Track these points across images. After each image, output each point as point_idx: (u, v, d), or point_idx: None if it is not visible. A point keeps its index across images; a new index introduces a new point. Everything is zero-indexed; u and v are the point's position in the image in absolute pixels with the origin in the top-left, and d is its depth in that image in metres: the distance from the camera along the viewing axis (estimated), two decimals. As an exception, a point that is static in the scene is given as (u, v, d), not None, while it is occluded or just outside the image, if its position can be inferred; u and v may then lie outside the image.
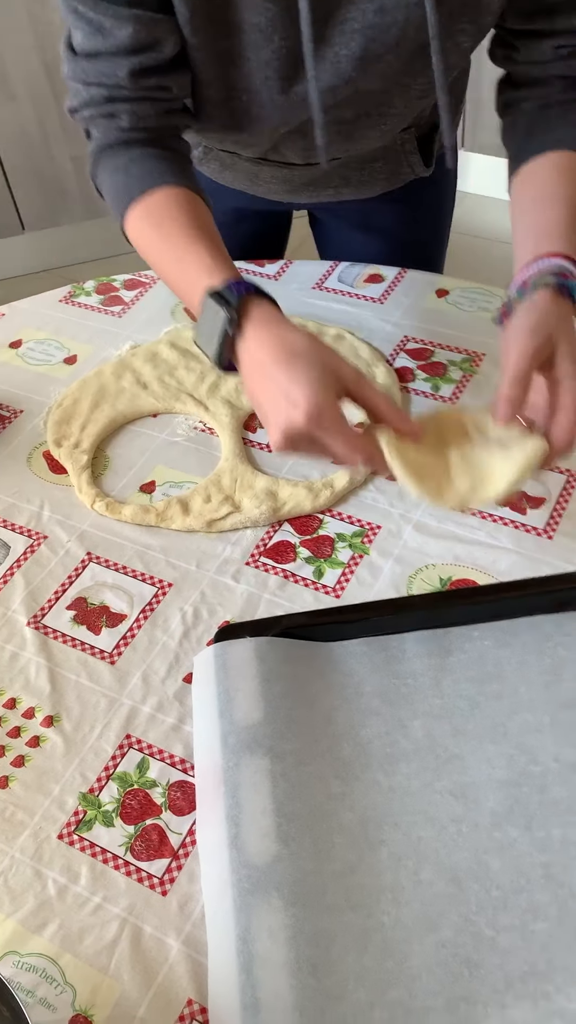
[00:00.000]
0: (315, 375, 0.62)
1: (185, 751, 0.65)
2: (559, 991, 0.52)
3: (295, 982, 0.52)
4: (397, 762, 0.62)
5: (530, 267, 0.68)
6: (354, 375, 0.64)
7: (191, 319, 1.01)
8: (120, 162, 0.78)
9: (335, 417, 0.61)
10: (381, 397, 0.65)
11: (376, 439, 0.64)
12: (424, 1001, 0.52)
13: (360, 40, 0.74)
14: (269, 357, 0.63)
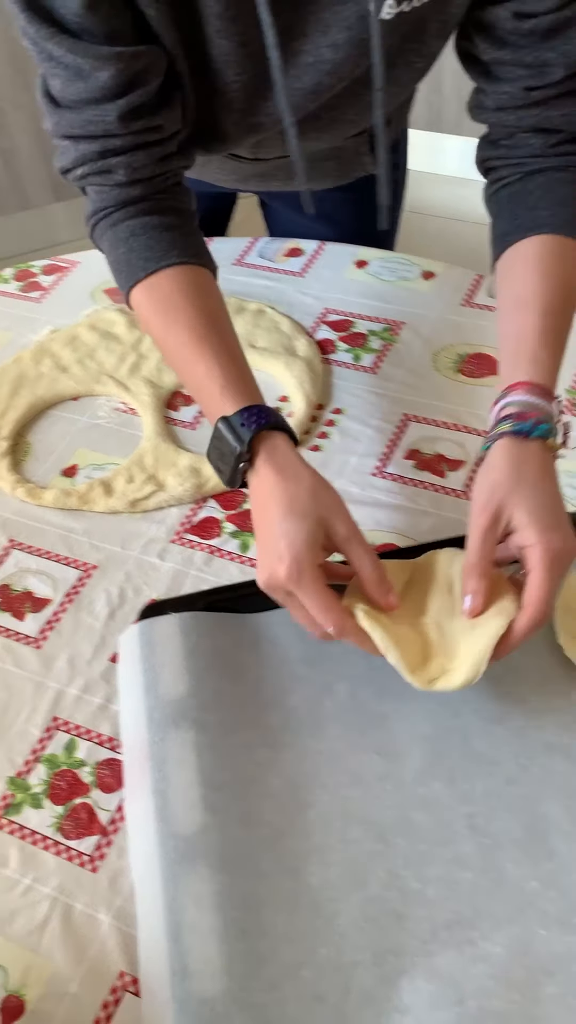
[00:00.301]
0: (305, 533, 0.60)
1: (113, 730, 0.65)
2: (484, 937, 0.53)
3: (224, 947, 0.52)
4: (324, 725, 0.63)
5: (495, 407, 0.66)
6: (346, 532, 0.62)
7: (111, 301, 1.00)
8: (121, 234, 0.73)
9: (313, 578, 0.59)
10: (367, 560, 0.62)
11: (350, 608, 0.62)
12: (352, 956, 0.52)
13: (313, 75, 0.72)
14: (271, 501, 0.63)
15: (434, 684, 0.59)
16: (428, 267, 1.00)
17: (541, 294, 0.68)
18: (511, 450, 0.61)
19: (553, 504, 0.59)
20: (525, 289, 0.69)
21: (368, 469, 0.81)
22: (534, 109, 0.71)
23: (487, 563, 0.60)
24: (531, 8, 0.67)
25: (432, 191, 2.59)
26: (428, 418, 0.84)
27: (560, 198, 0.72)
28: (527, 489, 0.59)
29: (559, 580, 0.57)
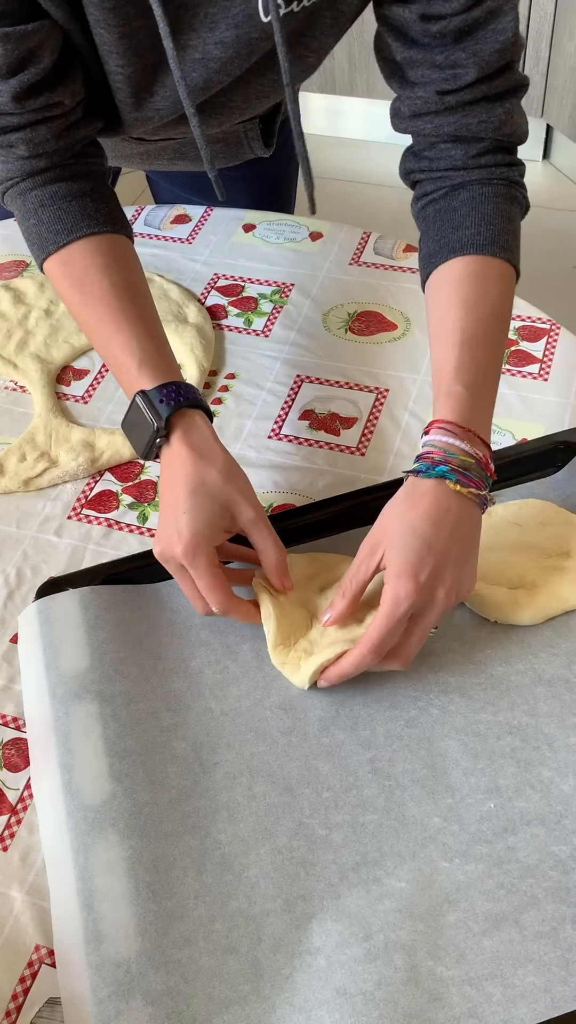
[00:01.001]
0: (208, 513, 0.61)
1: (17, 709, 0.64)
2: (389, 875, 0.55)
3: (136, 909, 0.53)
4: (228, 686, 0.63)
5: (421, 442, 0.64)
6: (252, 516, 0.63)
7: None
8: (30, 205, 0.71)
9: (207, 558, 0.61)
10: (270, 544, 0.63)
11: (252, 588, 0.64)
12: (263, 906, 0.54)
13: (201, 71, 0.70)
14: (181, 477, 0.63)
15: (284, 668, 0.62)
16: (315, 227, 1.01)
17: (458, 323, 0.66)
18: (408, 489, 0.61)
19: (421, 548, 0.58)
20: (445, 318, 0.67)
21: (264, 432, 0.81)
22: (450, 116, 0.69)
23: (357, 587, 0.61)
24: (438, 10, 0.65)
25: (331, 154, 2.59)
26: (321, 378, 0.85)
27: (484, 215, 0.69)
28: (405, 530, 0.59)
29: (397, 624, 0.57)
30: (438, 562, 0.58)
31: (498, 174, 0.71)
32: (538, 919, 0.52)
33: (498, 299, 0.68)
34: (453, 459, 0.60)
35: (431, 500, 0.59)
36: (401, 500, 0.61)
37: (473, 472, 0.60)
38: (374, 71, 2.49)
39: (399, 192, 2.00)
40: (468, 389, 0.63)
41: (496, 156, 0.71)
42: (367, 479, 0.76)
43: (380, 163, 2.54)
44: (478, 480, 0.60)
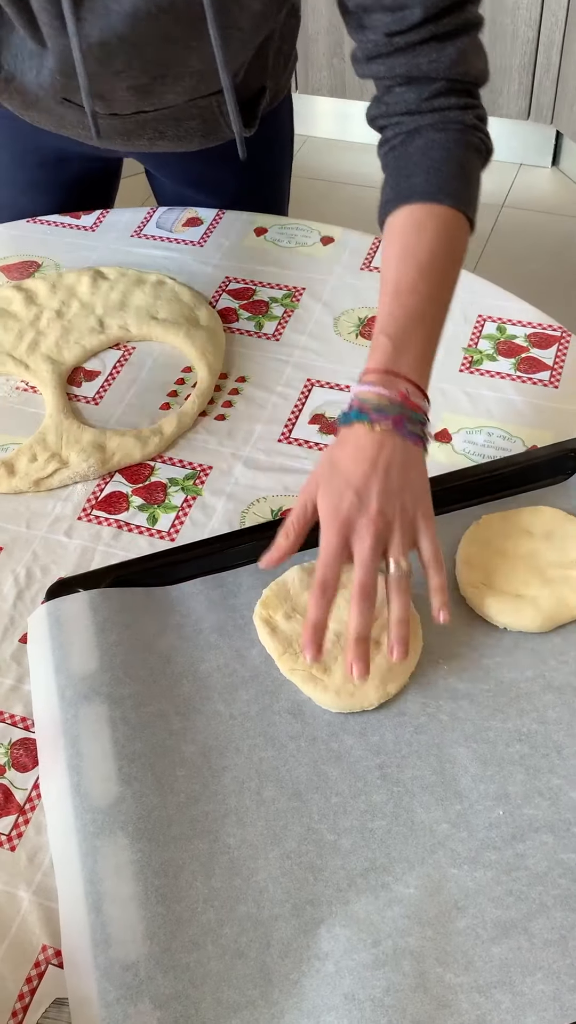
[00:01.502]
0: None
1: (25, 709, 0.64)
2: (397, 880, 0.54)
3: (144, 912, 0.53)
4: (236, 690, 0.63)
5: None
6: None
7: (7, 278, 0.98)
8: None
9: None
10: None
11: None
12: (272, 910, 0.54)
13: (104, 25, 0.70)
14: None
15: (293, 675, 0.63)
16: (327, 232, 1.01)
17: (392, 274, 0.68)
18: (335, 440, 0.65)
19: (340, 483, 0.61)
20: (383, 270, 0.69)
21: (274, 436, 0.81)
22: (400, 57, 0.70)
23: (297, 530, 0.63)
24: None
25: (340, 158, 2.59)
26: (331, 382, 0.85)
27: (433, 163, 0.71)
28: (327, 471, 0.63)
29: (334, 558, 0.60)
30: (358, 494, 0.61)
31: (452, 117, 0.72)
32: (547, 927, 0.52)
33: (433, 245, 0.69)
34: (367, 403, 0.63)
35: (351, 443, 0.63)
36: (327, 450, 0.65)
37: (390, 410, 0.63)
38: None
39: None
40: (391, 338, 0.65)
41: (450, 98, 0.72)
42: (377, 484, 0.76)
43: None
44: (397, 416, 0.63)
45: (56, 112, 0.91)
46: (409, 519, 0.62)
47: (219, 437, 0.82)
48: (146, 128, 0.90)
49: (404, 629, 0.60)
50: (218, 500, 0.77)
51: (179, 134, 0.92)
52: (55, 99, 0.86)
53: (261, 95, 0.93)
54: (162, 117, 0.88)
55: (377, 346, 0.65)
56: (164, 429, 0.81)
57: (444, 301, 0.69)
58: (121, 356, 0.90)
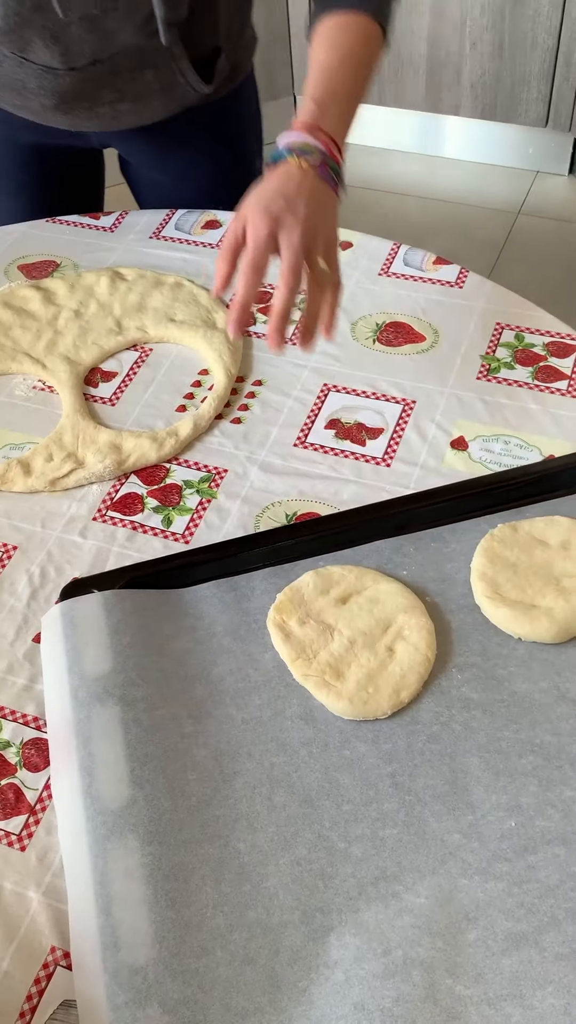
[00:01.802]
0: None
1: (38, 709, 0.64)
2: (408, 890, 0.54)
3: (154, 916, 0.53)
4: (249, 695, 0.63)
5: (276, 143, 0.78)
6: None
7: (25, 277, 0.98)
8: None
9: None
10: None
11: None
12: (281, 917, 0.53)
13: None
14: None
15: (307, 680, 0.63)
16: (345, 237, 1.01)
17: (318, 59, 0.80)
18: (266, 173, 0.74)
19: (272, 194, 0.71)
20: (313, 57, 0.80)
21: (289, 440, 0.81)
22: None
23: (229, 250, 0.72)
24: None
25: (354, 162, 2.59)
26: (348, 387, 0.85)
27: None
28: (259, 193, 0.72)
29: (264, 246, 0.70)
30: (287, 200, 0.70)
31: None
32: (558, 940, 0.51)
33: (354, 40, 0.81)
34: (294, 146, 0.73)
35: (279, 173, 0.73)
36: (259, 183, 0.73)
37: (313, 154, 0.73)
38: (403, 81, 2.50)
39: (423, 202, 2.02)
40: (316, 101, 0.77)
41: None
42: (392, 491, 0.76)
43: (404, 172, 2.54)
44: (320, 160, 0.73)
45: (16, 77, 0.91)
46: (327, 238, 0.73)
47: (235, 440, 0.82)
48: (104, 86, 0.91)
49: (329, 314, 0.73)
50: (233, 503, 0.76)
51: (137, 90, 0.94)
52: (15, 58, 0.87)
53: (216, 56, 0.97)
54: (116, 67, 0.90)
55: (304, 108, 0.77)
56: (180, 431, 0.81)
57: (362, 83, 0.79)
58: (138, 357, 0.90)
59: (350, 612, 0.66)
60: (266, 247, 0.70)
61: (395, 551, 0.70)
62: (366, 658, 0.63)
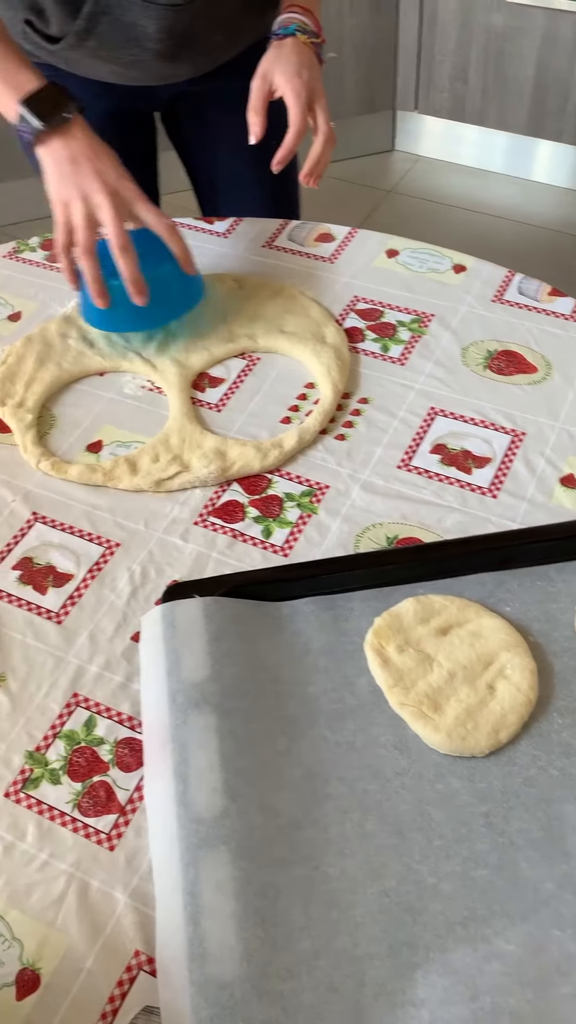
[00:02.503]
0: None
1: (132, 708, 0.65)
2: (497, 935, 0.53)
3: (243, 933, 0.53)
4: (343, 718, 0.63)
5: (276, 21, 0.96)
6: None
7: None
8: None
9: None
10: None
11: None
12: (367, 948, 0.53)
13: None
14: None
15: (403, 709, 0.62)
16: (459, 260, 1.00)
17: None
18: (274, 46, 0.94)
19: (296, 63, 0.91)
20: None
21: (393, 461, 0.81)
22: None
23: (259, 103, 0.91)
24: None
25: (449, 180, 2.58)
26: (456, 413, 0.84)
27: None
28: (281, 59, 0.92)
29: (304, 107, 0.90)
30: (309, 70, 0.92)
31: None
32: None
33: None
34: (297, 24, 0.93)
35: (293, 47, 0.93)
36: (271, 50, 0.93)
37: (310, 33, 0.94)
38: (506, 102, 2.48)
39: (516, 226, 2.00)
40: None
41: None
42: (498, 523, 0.75)
43: (498, 193, 2.52)
44: (316, 38, 0.95)
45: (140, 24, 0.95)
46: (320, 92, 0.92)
47: (338, 457, 0.81)
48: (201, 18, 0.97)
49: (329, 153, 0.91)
50: (333, 520, 0.76)
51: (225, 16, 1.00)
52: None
53: None
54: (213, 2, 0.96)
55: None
56: (284, 443, 0.81)
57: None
58: (246, 365, 0.90)
59: (451, 644, 0.65)
60: (307, 109, 0.90)
61: (498, 585, 0.69)
62: (466, 693, 0.62)
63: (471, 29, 2.29)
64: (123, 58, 0.99)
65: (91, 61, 1.01)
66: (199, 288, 0.91)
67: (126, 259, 0.81)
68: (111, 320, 0.88)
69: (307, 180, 0.91)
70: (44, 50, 1.00)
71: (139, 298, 0.82)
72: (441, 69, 2.43)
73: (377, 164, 2.65)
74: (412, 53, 2.44)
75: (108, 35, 0.96)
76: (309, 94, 0.90)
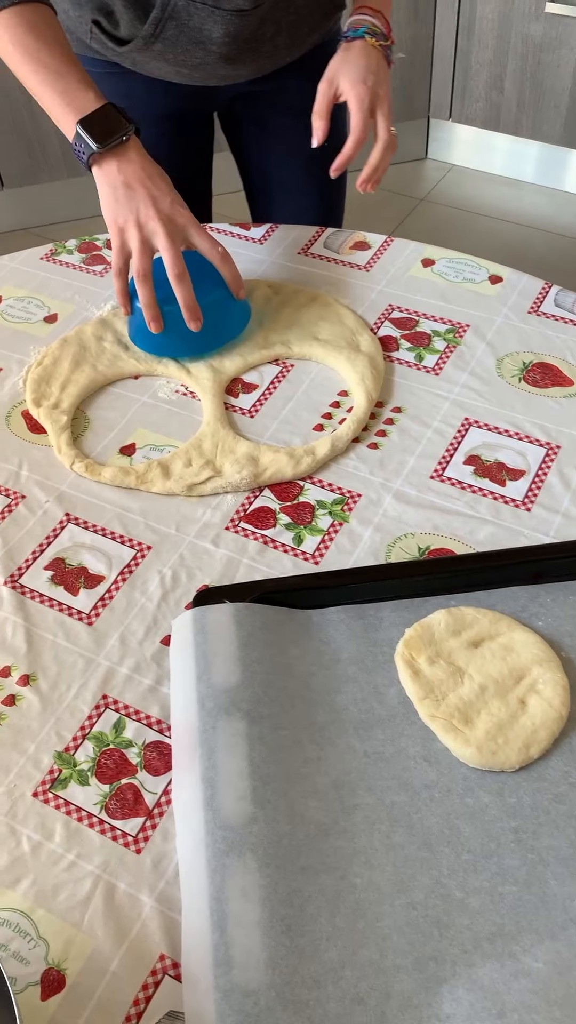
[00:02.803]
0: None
1: (161, 712, 0.65)
2: (525, 952, 0.53)
3: (268, 940, 0.53)
4: (372, 728, 0.63)
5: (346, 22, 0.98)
6: None
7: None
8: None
9: None
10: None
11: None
12: (394, 960, 0.53)
13: None
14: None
15: (433, 721, 0.62)
16: (495, 271, 1.00)
17: None
18: (343, 48, 0.95)
19: (362, 69, 0.92)
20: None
21: (426, 471, 0.80)
22: None
23: (324, 108, 0.93)
24: None
25: (481, 189, 2.57)
26: (490, 424, 0.84)
27: None
28: (348, 64, 0.93)
29: (367, 113, 0.91)
30: (375, 75, 0.92)
31: None
32: None
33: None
34: (366, 27, 0.94)
35: (361, 51, 0.94)
36: (340, 53, 0.95)
37: (379, 36, 0.95)
38: (542, 113, 2.47)
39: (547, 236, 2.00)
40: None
41: None
42: (531, 536, 0.74)
43: (529, 203, 2.51)
44: (384, 42, 0.95)
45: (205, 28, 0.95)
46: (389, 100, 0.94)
47: (370, 465, 0.81)
48: (267, 22, 0.98)
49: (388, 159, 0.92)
50: (365, 529, 0.76)
51: (290, 20, 1.01)
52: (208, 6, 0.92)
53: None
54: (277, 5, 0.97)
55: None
56: (317, 450, 0.81)
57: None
58: (279, 372, 0.90)
59: (482, 657, 0.65)
60: (368, 119, 0.92)
61: (531, 599, 0.69)
62: (497, 707, 0.62)
63: (508, 39, 2.29)
64: (188, 60, 1.00)
65: (157, 62, 1.02)
66: (247, 313, 0.92)
67: (183, 287, 0.82)
68: (161, 344, 0.89)
69: (364, 186, 0.92)
70: (111, 50, 1.01)
71: (194, 324, 0.84)
72: (478, 78, 2.42)
73: (410, 172, 2.65)
74: (448, 62, 2.43)
75: (174, 39, 0.97)
76: (372, 100, 0.91)
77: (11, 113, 2.22)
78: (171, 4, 0.93)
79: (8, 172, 2.33)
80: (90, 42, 1.02)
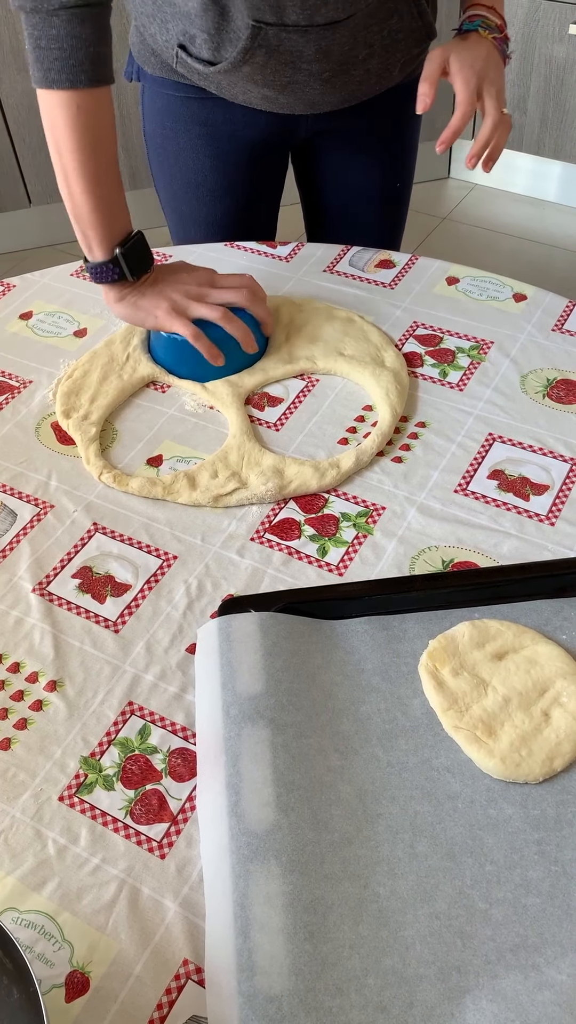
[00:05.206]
0: None
1: (186, 719, 0.66)
2: (549, 964, 0.53)
3: (292, 947, 0.53)
4: (396, 738, 0.63)
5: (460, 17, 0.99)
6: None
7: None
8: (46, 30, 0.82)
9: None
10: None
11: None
12: (417, 969, 0.53)
13: None
14: None
15: (457, 733, 0.62)
16: (520, 289, 1.00)
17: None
18: (456, 38, 0.95)
19: (472, 54, 0.92)
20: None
21: (450, 485, 0.81)
22: None
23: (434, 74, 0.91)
24: None
25: (504, 208, 2.59)
26: (514, 440, 0.84)
27: None
28: (459, 47, 0.93)
29: (473, 93, 0.90)
30: (484, 61, 0.92)
31: None
32: None
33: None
34: (481, 20, 0.95)
35: (474, 41, 0.94)
36: (455, 39, 0.94)
37: (493, 30, 0.95)
38: (565, 133, 2.48)
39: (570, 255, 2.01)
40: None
41: None
42: (555, 550, 0.74)
43: (552, 222, 2.52)
44: (500, 36, 0.95)
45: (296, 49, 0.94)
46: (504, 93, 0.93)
47: (394, 479, 0.82)
48: (359, 43, 0.96)
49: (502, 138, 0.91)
50: (389, 542, 0.77)
51: (384, 43, 0.98)
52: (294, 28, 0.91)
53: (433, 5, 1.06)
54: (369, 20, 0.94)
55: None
56: (342, 463, 0.82)
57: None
58: (305, 386, 0.91)
59: (506, 670, 0.65)
60: (474, 104, 0.90)
61: (555, 613, 0.69)
62: (520, 719, 0.62)
63: (532, 60, 2.31)
64: (278, 81, 0.97)
65: (244, 84, 0.99)
66: (264, 339, 0.94)
67: (233, 325, 0.88)
68: (181, 369, 0.92)
69: (472, 161, 0.90)
70: (196, 73, 0.99)
71: (250, 348, 0.90)
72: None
73: (433, 191, 2.67)
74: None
75: (265, 63, 0.95)
76: (479, 82, 0.90)
77: (38, 132, 2.26)
78: (261, 33, 0.90)
79: (36, 190, 2.37)
80: (176, 66, 1.01)
